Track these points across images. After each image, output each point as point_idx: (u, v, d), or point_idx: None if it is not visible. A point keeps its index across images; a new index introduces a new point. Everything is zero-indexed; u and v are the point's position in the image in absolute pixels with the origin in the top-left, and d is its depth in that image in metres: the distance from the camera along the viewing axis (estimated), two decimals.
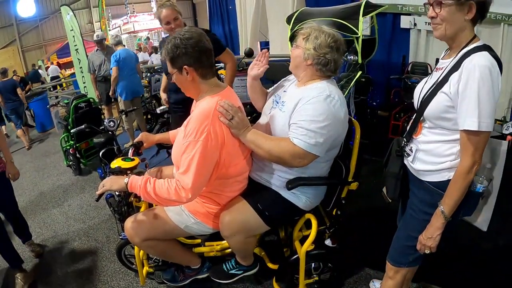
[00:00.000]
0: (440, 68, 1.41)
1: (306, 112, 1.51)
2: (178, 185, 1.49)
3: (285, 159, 1.54)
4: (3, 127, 6.82)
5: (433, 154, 1.42)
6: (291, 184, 1.63)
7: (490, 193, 1.49)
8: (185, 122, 1.59)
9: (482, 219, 1.55)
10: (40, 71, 14.21)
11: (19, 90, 6.60)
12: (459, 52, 1.33)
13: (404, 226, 1.60)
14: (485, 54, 1.25)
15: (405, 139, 1.55)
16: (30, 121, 6.94)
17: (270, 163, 1.70)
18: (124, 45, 5.35)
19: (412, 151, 1.50)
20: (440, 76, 1.36)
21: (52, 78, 12.79)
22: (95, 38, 5.19)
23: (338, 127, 1.56)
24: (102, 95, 5.48)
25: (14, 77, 9.26)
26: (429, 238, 1.41)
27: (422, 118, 1.44)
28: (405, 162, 1.57)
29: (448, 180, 1.36)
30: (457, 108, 1.28)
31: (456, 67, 1.29)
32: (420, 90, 1.49)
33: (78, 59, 6.48)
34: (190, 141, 1.47)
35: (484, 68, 1.21)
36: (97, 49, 5.35)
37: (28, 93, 8.49)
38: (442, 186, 1.38)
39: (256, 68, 1.85)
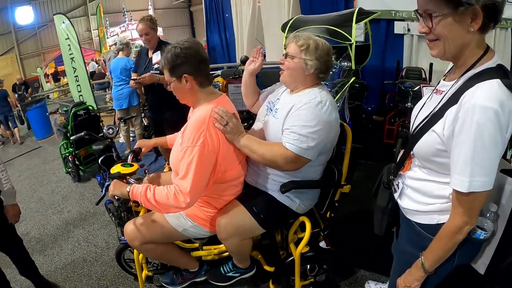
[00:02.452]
0: (440, 91, 1.14)
1: (298, 118, 1.57)
2: (176, 190, 1.53)
3: (278, 162, 1.59)
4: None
5: (421, 193, 1.20)
6: (285, 188, 1.69)
7: (495, 233, 1.22)
8: (182, 129, 1.66)
9: (480, 261, 1.29)
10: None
11: (9, 98, 7.94)
12: (463, 75, 1.04)
13: (394, 266, 1.45)
14: (494, 85, 0.93)
15: (392, 171, 1.35)
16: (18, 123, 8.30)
17: (264, 168, 1.76)
18: (131, 52, 5.34)
19: (398, 188, 1.31)
20: (437, 105, 1.08)
21: (91, 74, 12.73)
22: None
23: (329, 132, 1.61)
24: None
25: (18, 80, 10.31)
26: (407, 286, 1.23)
27: (412, 153, 1.21)
28: (394, 196, 1.36)
29: (438, 224, 1.14)
30: (450, 153, 1.02)
31: (455, 99, 1.00)
32: (416, 115, 1.23)
33: (74, 68, 6.38)
34: (188, 146, 1.53)
35: (487, 110, 0.91)
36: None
37: (29, 100, 8.67)
38: (431, 229, 1.17)
39: (253, 64, 1.92)
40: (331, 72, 1.85)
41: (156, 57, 3.27)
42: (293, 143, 1.55)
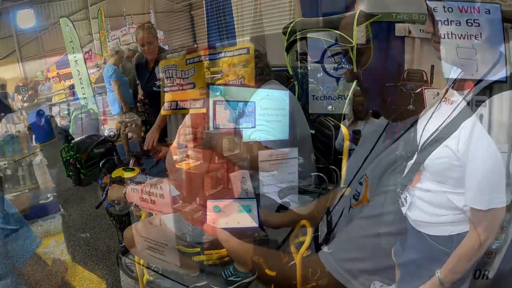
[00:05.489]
0: (451, 101, 1.09)
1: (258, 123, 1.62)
2: (173, 188, 1.53)
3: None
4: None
5: (433, 204, 1.15)
6: (283, 193, 1.68)
7: (507, 241, 1.20)
8: (179, 129, 1.66)
9: (491, 267, 1.26)
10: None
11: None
12: (475, 85, 1.01)
13: (401, 276, 1.41)
14: (508, 98, 0.93)
15: (399, 184, 1.29)
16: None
17: (262, 173, 1.75)
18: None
19: (406, 201, 1.25)
20: (448, 117, 1.04)
21: None
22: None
23: (289, 115, 1.68)
24: None
25: (21, 81, 10.41)
26: None
27: (421, 167, 1.16)
28: (402, 210, 1.30)
29: (451, 236, 1.10)
30: (465, 168, 0.99)
31: (469, 112, 0.98)
32: (424, 126, 1.18)
33: (78, 71, 6.50)
34: (187, 146, 1.53)
35: (503, 126, 0.93)
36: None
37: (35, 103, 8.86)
38: (443, 241, 1.13)
39: None
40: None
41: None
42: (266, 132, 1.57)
